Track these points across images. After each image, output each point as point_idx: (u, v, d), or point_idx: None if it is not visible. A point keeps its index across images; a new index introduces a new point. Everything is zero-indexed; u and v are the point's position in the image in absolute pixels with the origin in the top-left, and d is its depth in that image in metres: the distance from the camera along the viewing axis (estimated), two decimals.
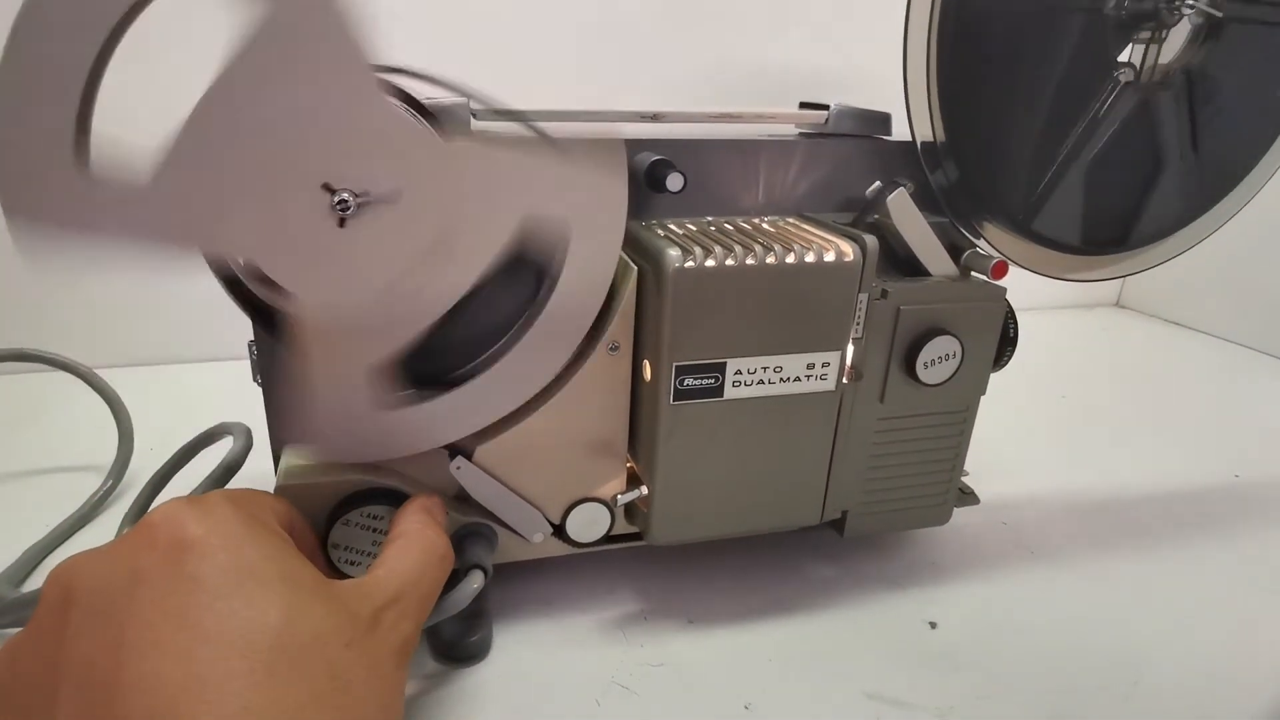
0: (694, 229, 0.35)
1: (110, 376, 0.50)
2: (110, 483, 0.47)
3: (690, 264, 0.31)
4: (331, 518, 0.33)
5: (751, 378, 0.33)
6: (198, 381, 0.65)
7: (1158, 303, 0.91)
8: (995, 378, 0.38)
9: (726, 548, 0.42)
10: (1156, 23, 0.35)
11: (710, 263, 0.31)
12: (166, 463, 0.43)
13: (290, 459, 0.33)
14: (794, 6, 0.70)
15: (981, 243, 0.38)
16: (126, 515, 0.42)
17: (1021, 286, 0.38)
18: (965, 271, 0.36)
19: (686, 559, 0.42)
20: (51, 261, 0.25)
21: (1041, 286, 0.43)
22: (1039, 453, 0.56)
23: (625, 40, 0.67)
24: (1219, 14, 0.36)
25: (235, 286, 0.30)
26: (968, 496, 0.43)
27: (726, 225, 0.35)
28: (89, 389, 0.49)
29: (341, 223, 0.27)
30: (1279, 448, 0.59)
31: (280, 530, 0.26)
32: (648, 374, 0.34)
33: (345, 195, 0.27)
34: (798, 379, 0.34)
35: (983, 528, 0.46)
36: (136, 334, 0.67)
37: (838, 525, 0.39)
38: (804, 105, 0.40)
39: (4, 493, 0.48)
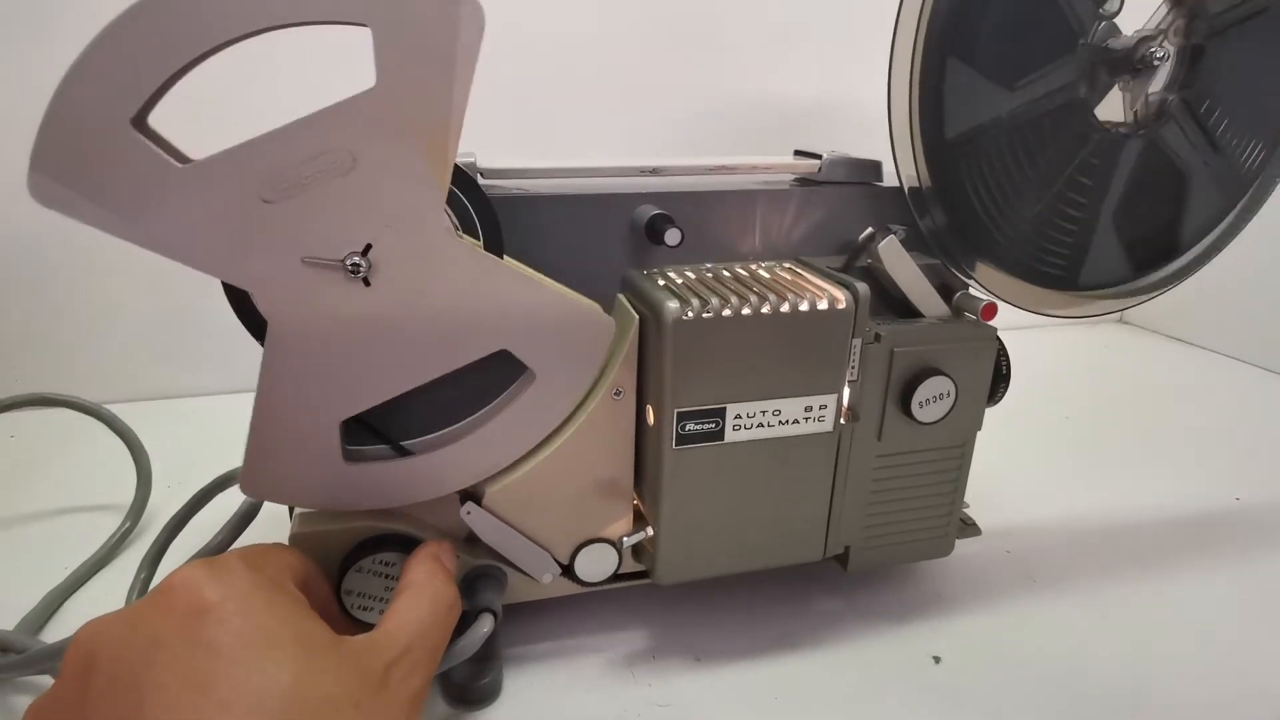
0: (693, 277, 0.36)
1: (128, 410, 0.51)
2: (129, 524, 0.48)
3: (689, 315, 0.32)
4: (344, 564, 0.33)
5: (751, 421, 0.34)
6: (215, 414, 0.66)
7: (1162, 319, 0.91)
8: None
9: (732, 583, 0.43)
10: (1134, 72, 0.36)
11: (708, 314, 0.32)
12: (184, 506, 0.44)
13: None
14: (788, 47, 0.71)
15: (973, 283, 0.39)
16: (145, 558, 0.43)
17: None
18: (957, 312, 0.37)
19: (693, 595, 0.42)
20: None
21: None
22: (1042, 477, 0.57)
23: (619, 85, 0.68)
24: (1199, 41, 0.36)
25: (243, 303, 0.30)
26: (969, 528, 0.44)
27: (724, 272, 0.36)
28: (108, 429, 0.50)
29: (366, 283, 0.29)
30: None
31: (294, 590, 0.27)
32: (651, 418, 0.34)
33: (354, 259, 0.29)
34: (796, 421, 0.35)
35: (986, 557, 0.47)
36: (154, 367, 0.68)
37: (841, 560, 0.40)
38: (798, 154, 0.41)
39: (24, 534, 0.49)
